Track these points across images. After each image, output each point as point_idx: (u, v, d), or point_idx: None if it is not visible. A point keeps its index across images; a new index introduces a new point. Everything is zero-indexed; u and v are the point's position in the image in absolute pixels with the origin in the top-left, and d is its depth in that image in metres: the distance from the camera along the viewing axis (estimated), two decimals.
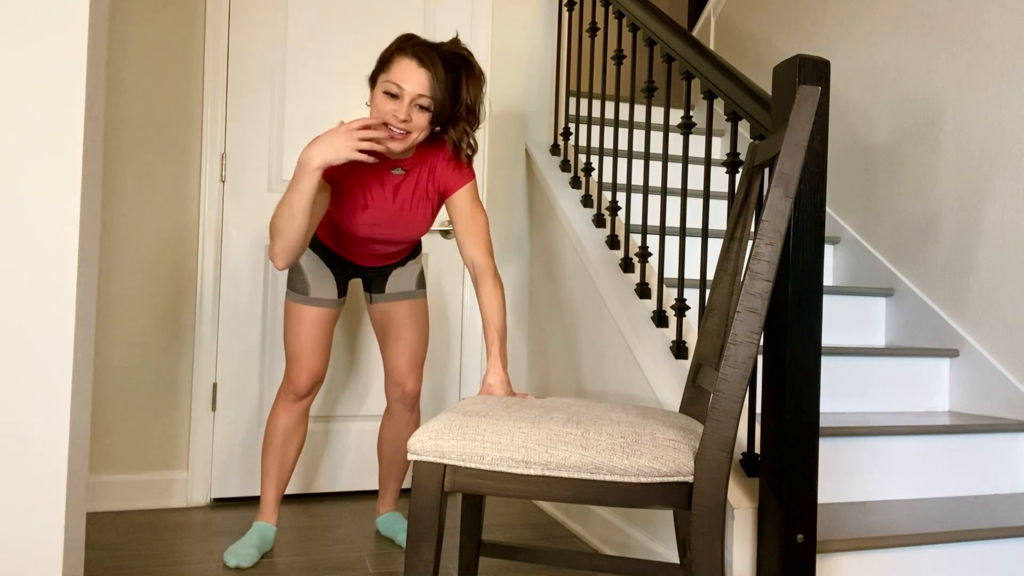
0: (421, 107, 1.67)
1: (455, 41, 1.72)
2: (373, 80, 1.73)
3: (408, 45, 1.67)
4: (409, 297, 2.08)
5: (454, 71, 1.68)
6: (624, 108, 3.32)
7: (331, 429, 2.64)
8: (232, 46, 2.54)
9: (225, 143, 2.53)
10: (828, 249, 2.76)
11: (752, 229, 1.95)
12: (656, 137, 3.06)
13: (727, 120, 1.71)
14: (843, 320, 2.45)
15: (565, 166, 2.74)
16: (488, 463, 1.16)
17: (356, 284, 2.66)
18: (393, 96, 1.66)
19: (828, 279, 2.75)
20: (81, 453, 1.25)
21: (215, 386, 2.51)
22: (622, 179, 2.83)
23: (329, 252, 1.99)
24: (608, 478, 1.13)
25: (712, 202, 2.80)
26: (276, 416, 2.04)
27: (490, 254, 1.82)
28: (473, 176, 1.86)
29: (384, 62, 1.69)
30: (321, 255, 1.98)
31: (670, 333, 2.02)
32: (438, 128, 1.78)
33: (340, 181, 1.79)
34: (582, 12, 2.91)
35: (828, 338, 2.43)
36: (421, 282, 2.11)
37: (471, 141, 1.78)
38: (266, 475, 2.03)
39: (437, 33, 2.78)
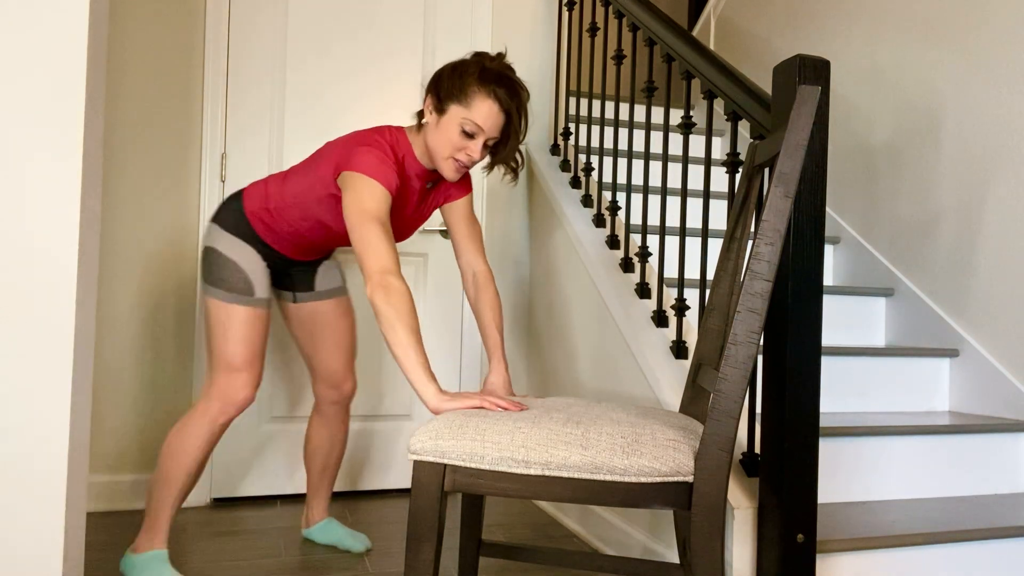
0: (487, 144, 1.65)
1: (506, 64, 1.65)
2: (440, 98, 1.62)
3: (492, 83, 1.59)
4: (338, 294, 2.00)
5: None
6: (624, 108, 3.32)
7: None
8: (232, 46, 2.54)
9: (225, 143, 2.53)
10: (828, 249, 2.76)
11: (752, 229, 1.95)
12: (656, 137, 3.06)
13: (727, 120, 1.71)
14: (843, 320, 2.44)
15: (565, 166, 2.74)
16: (488, 463, 1.16)
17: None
18: (469, 135, 1.61)
19: (828, 279, 2.75)
20: (81, 453, 1.25)
21: None
22: (622, 179, 2.83)
23: (268, 248, 1.83)
24: (608, 478, 1.13)
25: (712, 202, 2.80)
26: (198, 441, 1.75)
27: (486, 259, 1.86)
28: (472, 187, 1.86)
29: (464, 92, 1.59)
30: (259, 250, 1.82)
31: (670, 333, 2.02)
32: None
33: (396, 197, 1.77)
34: (582, 12, 2.91)
35: (828, 338, 2.43)
36: (343, 275, 2.03)
37: (519, 156, 1.75)
38: (168, 504, 1.77)
39: (437, 32, 2.78)
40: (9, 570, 1.15)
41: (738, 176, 2.80)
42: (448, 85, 1.61)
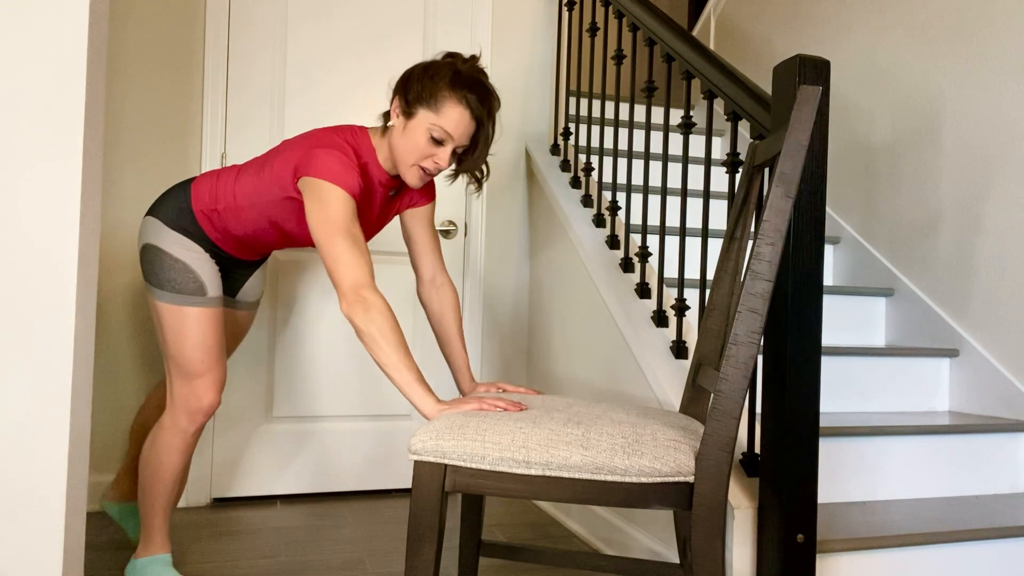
0: (456, 152, 1.60)
1: (479, 68, 1.60)
2: (408, 102, 1.55)
3: (463, 90, 1.53)
4: (251, 309, 1.94)
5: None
6: (624, 108, 3.32)
7: (331, 429, 2.63)
8: (232, 46, 2.54)
9: (225, 143, 2.53)
10: (828, 249, 2.76)
11: (752, 229, 1.95)
12: (656, 137, 3.06)
13: (727, 120, 1.71)
14: (843, 320, 2.44)
15: (565, 166, 2.74)
16: (489, 463, 1.16)
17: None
18: (438, 142, 1.55)
19: (828, 279, 2.75)
20: (81, 453, 1.25)
21: None
22: (622, 179, 2.83)
23: (214, 247, 1.75)
24: (609, 478, 1.13)
25: (712, 202, 2.80)
26: (173, 454, 1.72)
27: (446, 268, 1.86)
28: (436, 194, 1.83)
29: (434, 97, 1.53)
30: (206, 248, 1.73)
31: (670, 333, 2.02)
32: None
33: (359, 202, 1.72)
34: (582, 12, 2.91)
35: (828, 338, 2.43)
36: (264, 288, 1.99)
37: (485, 166, 1.71)
38: (159, 511, 1.76)
39: (437, 31, 2.77)
40: (9, 570, 1.15)
41: (738, 176, 2.80)
42: (418, 88, 1.54)
